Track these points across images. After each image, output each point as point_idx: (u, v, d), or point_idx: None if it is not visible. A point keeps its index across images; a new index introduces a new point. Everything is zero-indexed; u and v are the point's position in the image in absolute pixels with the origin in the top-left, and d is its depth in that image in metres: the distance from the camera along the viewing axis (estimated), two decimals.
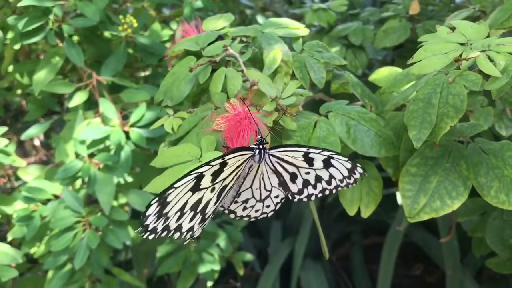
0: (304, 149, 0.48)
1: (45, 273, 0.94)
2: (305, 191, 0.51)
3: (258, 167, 0.50)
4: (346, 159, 0.48)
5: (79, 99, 0.91)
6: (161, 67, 1.07)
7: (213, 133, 0.50)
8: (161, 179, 0.47)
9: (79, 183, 0.93)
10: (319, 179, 0.50)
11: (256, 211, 0.53)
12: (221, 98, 0.53)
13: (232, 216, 0.53)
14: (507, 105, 0.68)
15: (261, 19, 1.29)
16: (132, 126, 0.89)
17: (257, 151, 0.48)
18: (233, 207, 0.53)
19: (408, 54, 1.10)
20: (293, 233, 1.45)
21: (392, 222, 1.31)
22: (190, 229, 0.45)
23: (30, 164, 1.12)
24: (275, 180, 0.51)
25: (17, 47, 0.89)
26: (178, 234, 0.44)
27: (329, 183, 0.50)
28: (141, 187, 0.98)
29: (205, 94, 0.62)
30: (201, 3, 0.96)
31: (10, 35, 0.88)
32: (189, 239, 0.47)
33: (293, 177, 0.50)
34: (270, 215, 0.54)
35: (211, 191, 0.45)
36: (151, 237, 0.42)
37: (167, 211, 0.42)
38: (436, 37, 0.49)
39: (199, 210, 0.45)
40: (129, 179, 0.93)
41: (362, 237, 1.60)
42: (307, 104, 0.64)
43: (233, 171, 0.47)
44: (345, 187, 0.50)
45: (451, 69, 0.51)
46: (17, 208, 0.91)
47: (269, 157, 0.49)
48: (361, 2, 1.31)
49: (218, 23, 0.65)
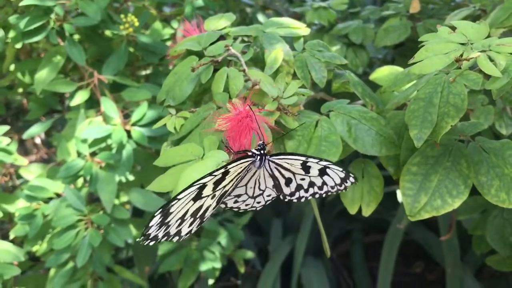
0: (303, 158, 0.49)
1: (47, 271, 0.95)
2: (297, 194, 0.52)
3: (256, 170, 0.51)
4: (341, 169, 0.49)
5: (81, 98, 0.91)
6: (162, 66, 1.07)
7: (216, 133, 0.50)
8: (164, 178, 0.48)
9: (81, 181, 0.94)
10: (312, 184, 0.51)
11: (246, 205, 0.54)
12: (223, 97, 0.53)
13: (222, 206, 0.53)
14: (507, 104, 0.68)
15: (261, 18, 1.29)
16: (133, 125, 0.90)
17: (258, 157, 0.49)
18: (225, 199, 0.54)
19: (408, 52, 1.10)
20: (293, 231, 1.46)
21: (392, 220, 1.32)
22: (188, 232, 0.47)
23: (31, 162, 1.12)
24: (270, 182, 0.52)
25: (18, 46, 0.89)
26: (177, 238, 0.46)
27: (320, 188, 0.51)
28: (143, 185, 0.98)
29: (207, 93, 0.62)
30: (202, 2, 0.96)
31: (11, 34, 0.88)
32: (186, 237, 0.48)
33: (288, 181, 0.51)
34: (258, 208, 0.55)
35: (211, 198, 0.46)
36: (152, 243, 0.44)
37: (168, 220, 0.44)
38: (437, 37, 0.50)
39: (198, 216, 0.46)
40: (131, 177, 0.94)
41: (362, 235, 1.60)
42: (308, 103, 0.64)
43: (234, 178, 0.48)
44: (334, 193, 0.52)
45: (452, 68, 0.51)
46: (19, 206, 0.91)
47: (268, 163, 0.50)
48: (362, 0, 1.31)
49: (219, 22, 0.65)
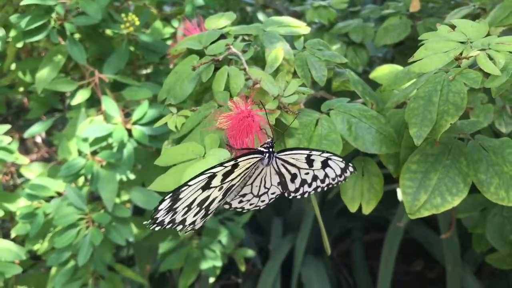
0: (307, 152, 0.50)
1: (48, 270, 0.95)
2: (301, 189, 0.53)
3: (263, 168, 0.51)
4: (341, 160, 0.51)
5: (82, 97, 0.91)
6: (163, 64, 1.08)
7: (217, 131, 0.51)
8: (165, 178, 0.48)
9: (82, 180, 0.94)
10: (315, 178, 0.53)
11: (250, 205, 0.55)
12: (224, 96, 0.54)
13: (226, 206, 0.54)
14: (507, 102, 0.68)
15: (262, 17, 1.29)
16: (134, 123, 0.90)
17: (267, 154, 0.49)
18: (229, 199, 0.54)
19: (408, 51, 1.11)
20: (294, 230, 1.46)
21: (392, 218, 1.32)
22: (192, 223, 0.47)
23: (32, 161, 1.12)
24: (276, 180, 0.53)
25: (19, 45, 0.89)
26: (181, 226, 0.47)
27: (323, 181, 0.53)
28: (144, 184, 0.98)
29: (208, 92, 0.63)
30: (202, 1, 0.96)
31: (12, 33, 0.89)
32: (190, 230, 0.49)
33: (294, 177, 0.52)
34: (262, 207, 0.56)
35: (219, 190, 0.47)
36: (157, 229, 0.45)
37: (177, 206, 0.44)
38: (436, 36, 0.50)
39: (204, 206, 0.47)
40: (132, 176, 0.94)
41: (362, 233, 1.60)
42: (309, 102, 0.65)
43: (242, 172, 0.48)
44: (335, 184, 0.53)
45: (451, 67, 0.51)
46: (20, 205, 0.91)
47: (275, 160, 0.51)
48: None
49: (220, 21, 0.66)
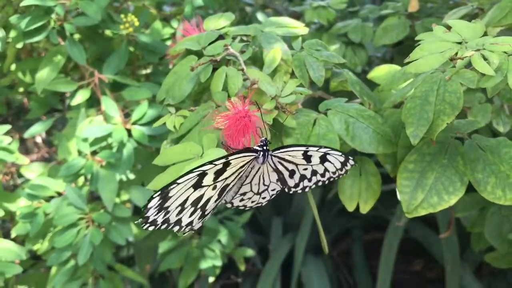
0: (304, 148, 0.50)
1: (49, 270, 0.95)
2: (301, 184, 0.54)
3: (259, 167, 0.51)
4: (340, 154, 0.51)
5: (81, 97, 0.91)
6: (162, 65, 1.08)
7: (214, 131, 0.51)
8: (163, 177, 0.48)
9: (82, 180, 0.94)
10: (314, 173, 0.53)
11: (252, 202, 0.55)
12: (222, 96, 0.54)
13: (229, 205, 0.54)
14: (505, 102, 0.69)
15: (261, 17, 1.29)
16: (134, 123, 0.90)
17: (261, 153, 0.49)
18: (229, 199, 0.55)
19: (407, 51, 1.10)
20: (294, 229, 1.46)
21: (392, 218, 1.32)
22: (189, 224, 0.47)
23: (32, 161, 1.12)
24: (274, 177, 0.53)
25: (19, 45, 0.89)
26: (177, 227, 0.46)
27: (323, 175, 0.53)
28: (143, 184, 0.99)
29: (206, 92, 0.63)
30: (201, 1, 0.96)
31: (12, 34, 0.89)
32: (188, 231, 0.48)
33: (292, 173, 0.53)
34: (264, 204, 0.56)
35: (213, 189, 0.47)
36: (151, 229, 0.44)
37: (168, 205, 0.44)
38: (432, 36, 0.50)
39: (199, 206, 0.46)
40: (131, 176, 0.94)
41: (362, 233, 1.60)
42: (307, 101, 0.65)
43: (236, 171, 0.48)
44: (336, 178, 0.54)
45: (448, 67, 0.52)
46: (20, 205, 0.92)
47: (271, 158, 0.51)
48: None
49: (218, 22, 0.66)
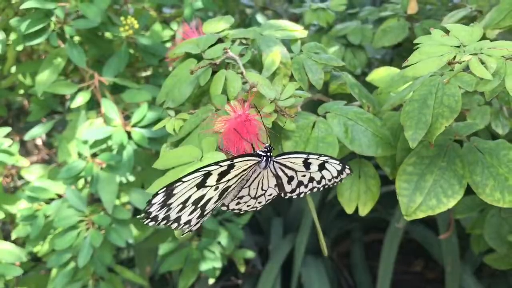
0: (304, 156, 0.51)
1: (49, 272, 0.96)
2: (297, 190, 0.54)
3: (260, 171, 0.52)
4: (338, 162, 0.52)
5: (82, 99, 0.91)
6: (162, 67, 1.08)
7: (214, 135, 0.51)
8: (163, 180, 0.48)
9: (82, 182, 0.94)
10: (311, 179, 0.53)
11: (247, 206, 0.55)
12: (221, 100, 0.54)
13: (224, 208, 0.55)
14: (503, 104, 0.69)
15: (261, 19, 1.29)
16: (134, 126, 0.90)
17: (264, 158, 0.50)
18: (227, 202, 0.55)
19: (406, 53, 1.11)
20: (293, 230, 1.46)
21: (392, 219, 1.32)
22: (187, 222, 0.47)
23: (32, 163, 1.12)
24: (273, 182, 0.53)
25: (19, 48, 0.89)
26: (175, 224, 0.47)
27: (319, 182, 0.53)
28: (143, 186, 0.99)
29: (206, 95, 0.63)
30: (201, 4, 0.97)
31: (12, 37, 0.89)
32: (187, 231, 0.49)
33: (290, 179, 0.53)
34: (259, 208, 0.56)
35: (214, 190, 0.47)
36: (151, 224, 0.45)
37: (171, 202, 0.44)
38: (431, 40, 0.50)
39: (199, 205, 0.47)
40: (131, 178, 0.94)
41: (362, 234, 1.60)
42: (306, 104, 0.65)
43: (238, 174, 0.48)
44: (331, 185, 0.54)
45: (446, 70, 0.52)
46: (21, 207, 0.92)
47: (273, 164, 0.51)
48: (360, 1, 1.32)
49: (218, 25, 0.66)
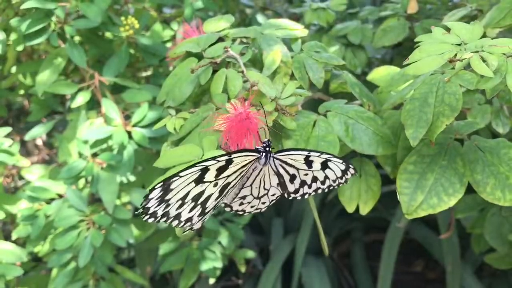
0: (305, 153, 0.50)
1: (49, 272, 0.96)
2: (301, 190, 0.53)
3: (261, 168, 0.51)
4: (341, 161, 0.51)
5: (82, 99, 0.91)
6: (162, 67, 1.08)
7: (215, 133, 0.51)
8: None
9: (82, 182, 0.94)
10: (315, 179, 0.52)
11: (251, 207, 0.55)
12: (222, 98, 0.54)
13: (227, 209, 0.54)
14: (504, 103, 0.69)
15: (261, 18, 1.30)
16: (134, 126, 0.90)
17: (264, 154, 0.49)
18: (229, 201, 0.55)
19: (406, 52, 1.11)
20: (294, 230, 1.46)
21: (392, 219, 1.32)
22: (188, 219, 0.47)
23: (33, 163, 1.13)
24: (275, 181, 0.53)
25: (20, 48, 0.89)
26: (176, 222, 0.46)
27: (323, 183, 0.52)
28: (144, 186, 0.99)
29: (206, 94, 0.63)
30: (201, 4, 0.97)
31: (13, 37, 0.89)
32: (188, 229, 0.48)
33: (293, 178, 0.52)
34: (263, 210, 0.56)
35: (214, 186, 0.47)
36: (150, 221, 0.44)
37: (169, 197, 0.44)
38: (431, 38, 0.50)
39: (200, 202, 0.46)
40: (132, 178, 0.94)
41: (363, 234, 1.60)
42: (306, 103, 0.65)
43: (238, 170, 0.48)
44: (336, 186, 0.53)
45: (447, 68, 0.52)
46: (21, 207, 0.92)
47: (273, 160, 0.51)
48: (361, 1, 1.32)
49: (218, 24, 0.66)
